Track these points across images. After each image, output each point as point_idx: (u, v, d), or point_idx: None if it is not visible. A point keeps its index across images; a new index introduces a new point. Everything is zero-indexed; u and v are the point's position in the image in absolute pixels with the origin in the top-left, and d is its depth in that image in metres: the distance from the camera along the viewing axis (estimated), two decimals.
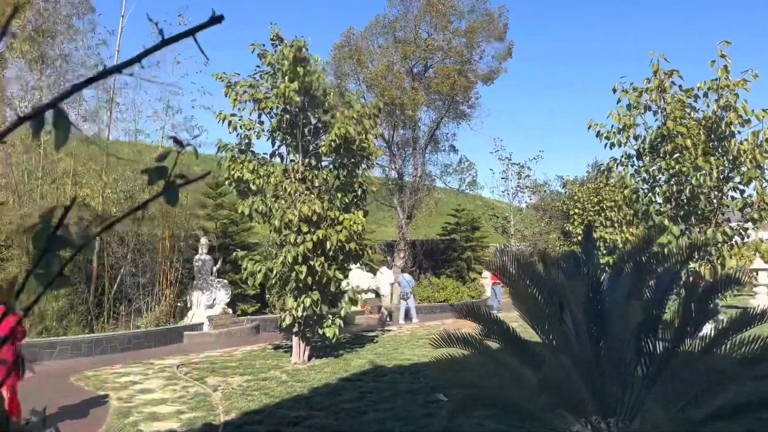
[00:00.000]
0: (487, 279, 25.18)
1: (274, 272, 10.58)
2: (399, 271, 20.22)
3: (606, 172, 12.37)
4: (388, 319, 18.63)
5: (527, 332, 3.96)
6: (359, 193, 11.13)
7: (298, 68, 9.98)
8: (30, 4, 15.12)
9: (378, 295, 22.13)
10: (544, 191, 29.35)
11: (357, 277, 20.35)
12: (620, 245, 16.11)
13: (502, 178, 27.40)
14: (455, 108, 24.97)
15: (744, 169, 10.32)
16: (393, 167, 25.26)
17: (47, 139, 13.57)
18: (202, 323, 15.12)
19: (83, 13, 15.54)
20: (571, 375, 3.04)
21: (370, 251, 12.07)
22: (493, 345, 3.86)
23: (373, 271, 22.74)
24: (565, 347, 3.33)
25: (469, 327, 4.20)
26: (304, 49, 10.14)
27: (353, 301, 11.88)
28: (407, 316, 18.89)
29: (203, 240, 15.95)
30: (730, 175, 10.69)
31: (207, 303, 15.63)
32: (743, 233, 10.63)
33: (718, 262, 10.24)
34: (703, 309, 3.44)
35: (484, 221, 28.67)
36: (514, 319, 4.14)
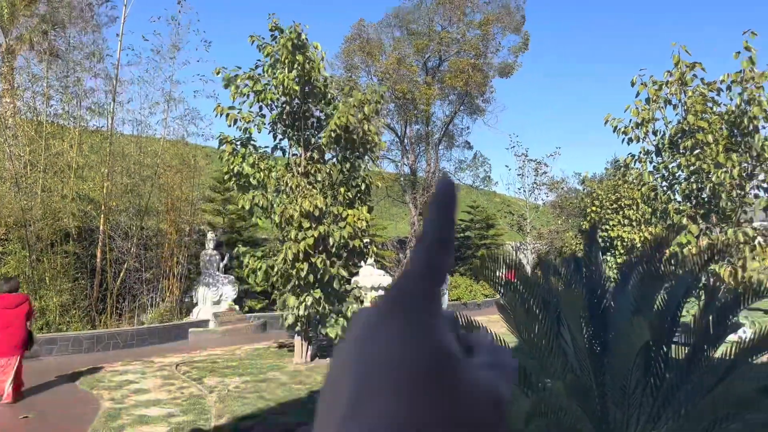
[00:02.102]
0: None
1: (275, 269, 10.25)
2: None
3: (623, 169, 11.89)
4: None
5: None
6: (363, 188, 10.75)
7: (296, 56, 9.63)
8: None
9: None
10: (562, 188, 28.75)
11: (368, 275, 20.06)
12: (638, 245, 15.59)
13: (518, 175, 26.83)
14: (470, 102, 24.49)
15: None
16: (405, 163, 24.87)
17: (49, 132, 13.40)
18: (208, 320, 14.87)
19: (96, 4, 15.38)
20: (567, 400, 2.65)
21: (374, 248, 11.70)
22: None
23: (385, 269, 22.43)
24: (563, 367, 2.93)
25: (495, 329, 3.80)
26: (303, 36, 9.79)
27: (359, 300, 11.52)
28: None
29: (210, 235, 15.71)
30: (753, 172, 10.16)
31: (213, 299, 15.39)
32: (766, 234, 10.09)
33: (740, 264, 9.71)
34: (723, 324, 3.02)
35: (500, 218, 28.18)
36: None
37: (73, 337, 12.02)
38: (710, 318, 3.13)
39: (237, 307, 15.94)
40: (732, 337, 4.32)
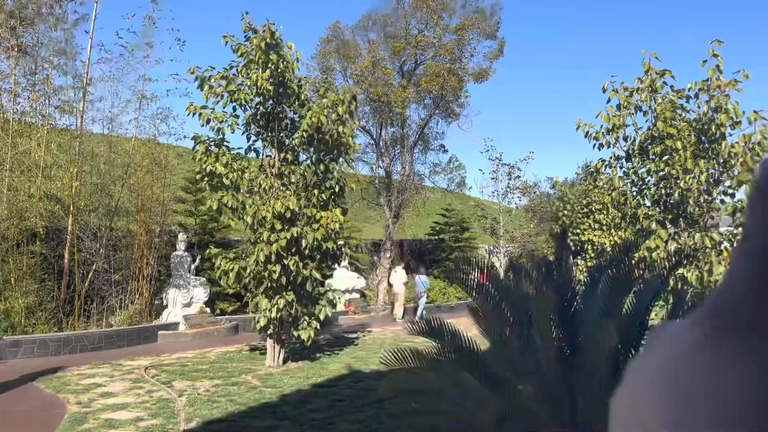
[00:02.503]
0: None
1: (248, 271, 10.16)
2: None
3: (594, 174, 12.02)
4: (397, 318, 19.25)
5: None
6: (337, 189, 10.72)
7: (270, 56, 9.58)
8: None
9: (363, 295, 21.80)
10: (534, 192, 29.03)
11: (342, 277, 20.00)
12: (608, 249, 15.80)
13: (492, 179, 27.03)
14: (445, 106, 24.61)
15: (735, 172, 9.99)
16: (381, 165, 24.87)
17: (16, 130, 13.11)
18: (178, 322, 14.66)
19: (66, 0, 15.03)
20: (536, 402, 2.67)
21: (349, 250, 11.68)
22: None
23: (359, 271, 22.39)
24: (534, 369, 2.95)
25: (468, 333, 3.83)
26: (276, 35, 9.74)
27: (332, 303, 11.46)
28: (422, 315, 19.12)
29: (181, 236, 15.49)
30: (720, 178, 10.36)
31: (184, 301, 15.17)
32: (732, 239, 10.29)
33: (706, 268, 9.90)
34: None
35: (474, 222, 28.38)
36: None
37: (40, 339, 11.76)
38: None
39: (208, 309, 15.75)
40: None
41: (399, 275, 19.72)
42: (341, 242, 11.12)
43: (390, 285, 21.33)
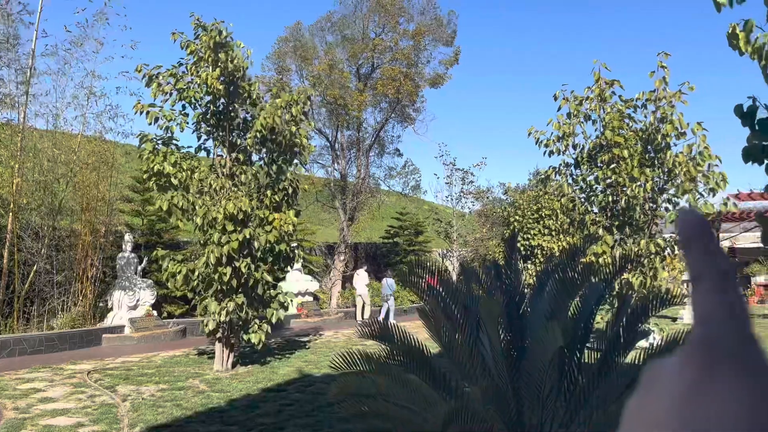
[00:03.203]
0: None
1: (196, 274, 9.94)
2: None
3: (544, 180, 12.24)
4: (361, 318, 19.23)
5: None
6: (290, 191, 10.60)
7: (219, 54, 9.42)
8: None
9: (316, 298, 21.65)
10: (487, 198, 29.41)
11: (295, 280, 19.83)
12: (557, 253, 16.13)
13: (446, 184, 27.25)
14: (401, 111, 24.72)
15: (679, 181, 10.34)
16: (336, 168, 24.79)
17: None
18: (124, 325, 14.24)
19: None
20: (483, 404, 2.68)
21: (302, 253, 11.57)
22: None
23: (313, 274, 22.23)
24: (482, 371, 2.96)
25: (420, 336, 3.82)
26: (224, 33, 9.59)
27: (283, 306, 11.32)
28: (386, 317, 18.97)
29: (127, 237, 15.06)
30: (664, 187, 10.71)
31: (130, 304, 14.74)
32: (675, 246, 10.64)
33: (650, 273, 10.21)
34: (633, 330, 3.14)
35: (428, 226, 28.54)
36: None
37: None
38: (621, 324, 3.24)
39: (155, 312, 15.34)
40: (642, 343, 4.51)
41: (361, 278, 19.74)
42: (294, 244, 10.99)
43: (346, 288, 21.29)
